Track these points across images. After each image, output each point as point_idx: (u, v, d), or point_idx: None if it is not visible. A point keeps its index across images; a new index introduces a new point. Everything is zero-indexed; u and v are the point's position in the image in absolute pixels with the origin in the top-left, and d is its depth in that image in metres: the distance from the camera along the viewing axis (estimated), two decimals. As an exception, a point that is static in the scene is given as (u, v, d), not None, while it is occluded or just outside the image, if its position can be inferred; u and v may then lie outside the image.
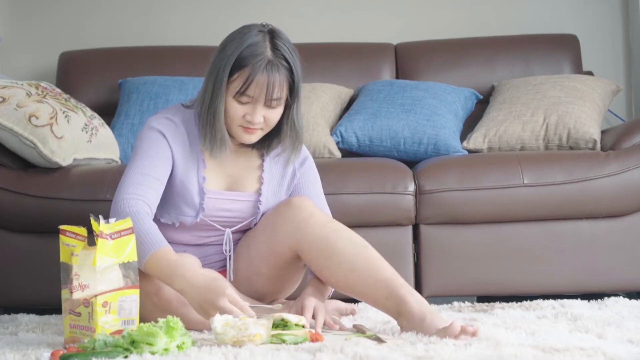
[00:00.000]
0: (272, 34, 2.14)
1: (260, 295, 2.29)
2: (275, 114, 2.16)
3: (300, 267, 2.28)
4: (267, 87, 2.10)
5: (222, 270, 2.30)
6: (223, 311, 1.91)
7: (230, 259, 2.28)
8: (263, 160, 2.29)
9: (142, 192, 2.11)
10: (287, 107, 2.18)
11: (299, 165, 2.33)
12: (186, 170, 2.20)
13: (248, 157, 2.29)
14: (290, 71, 2.13)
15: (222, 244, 2.28)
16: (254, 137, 2.18)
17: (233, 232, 2.29)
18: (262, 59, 2.09)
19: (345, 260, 2.10)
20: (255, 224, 2.29)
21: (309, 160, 2.36)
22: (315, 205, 2.20)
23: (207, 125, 2.16)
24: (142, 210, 2.08)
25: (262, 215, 2.28)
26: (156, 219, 2.24)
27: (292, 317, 2.02)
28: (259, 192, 2.27)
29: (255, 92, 2.10)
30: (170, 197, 2.21)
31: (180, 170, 2.20)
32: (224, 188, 2.25)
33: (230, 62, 2.11)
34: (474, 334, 1.93)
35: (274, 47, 2.12)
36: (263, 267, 2.23)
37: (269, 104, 2.12)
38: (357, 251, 2.11)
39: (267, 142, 2.24)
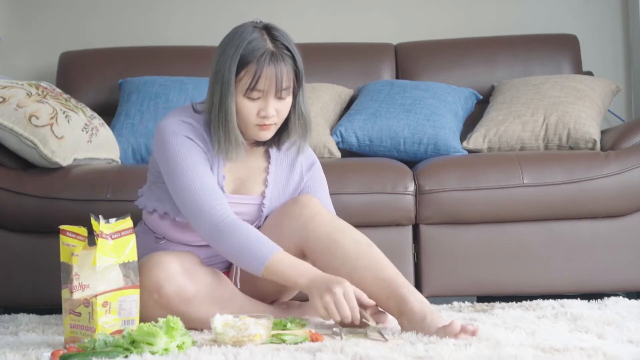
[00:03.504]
0: (268, 28, 2.16)
1: (265, 295, 2.29)
2: (286, 105, 2.16)
3: None
4: (276, 78, 2.10)
5: (227, 272, 2.31)
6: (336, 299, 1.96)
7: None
8: (269, 163, 2.29)
9: (218, 196, 2.10)
10: (294, 96, 2.18)
11: (307, 170, 2.33)
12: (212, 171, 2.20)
13: (256, 159, 2.28)
14: (294, 59, 2.14)
15: None
16: (269, 133, 2.18)
17: None
18: (265, 52, 2.10)
19: (349, 259, 2.11)
20: (259, 227, 2.29)
21: (317, 164, 2.36)
22: (321, 204, 2.21)
23: (220, 128, 2.13)
24: (233, 216, 2.08)
25: (266, 217, 2.27)
26: (171, 218, 2.23)
27: None
28: (262, 195, 2.27)
29: (265, 85, 2.10)
30: None
31: None
32: (231, 191, 2.25)
33: (235, 62, 2.11)
34: (473, 333, 1.94)
35: (273, 39, 2.13)
36: None
37: (279, 95, 2.12)
38: (361, 250, 2.12)
39: (277, 136, 2.23)
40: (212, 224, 2.08)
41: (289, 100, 2.16)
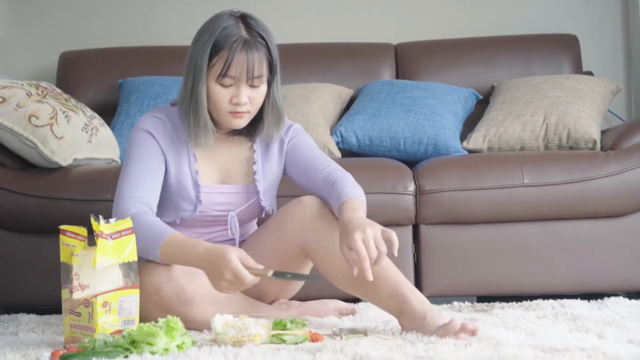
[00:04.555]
0: (244, 17, 2.17)
1: (264, 295, 2.29)
2: (260, 94, 2.17)
3: (305, 267, 2.28)
4: (247, 65, 2.11)
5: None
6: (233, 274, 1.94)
7: (236, 243, 2.28)
8: (254, 151, 2.29)
9: (139, 194, 2.12)
10: (268, 86, 2.19)
11: (285, 133, 2.32)
12: (179, 166, 2.21)
13: (239, 148, 2.29)
14: (268, 48, 2.15)
15: (226, 241, 2.28)
16: (243, 122, 2.19)
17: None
18: (238, 39, 2.12)
19: None
20: (266, 214, 2.29)
21: (295, 126, 2.34)
22: (324, 205, 2.21)
23: (190, 112, 2.17)
24: (141, 209, 2.09)
25: (262, 194, 2.27)
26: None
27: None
28: (254, 183, 2.27)
29: (236, 72, 2.12)
30: (168, 195, 2.23)
31: (173, 166, 2.21)
32: (218, 182, 2.25)
33: (208, 48, 2.13)
34: (473, 333, 1.94)
35: (248, 27, 2.14)
36: (269, 266, 2.23)
37: (251, 82, 2.13)
38: None
39: (252, 126, 2.24)
40: (117, 214, 2.10)
41: (262, 89, 2.17)
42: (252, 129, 2.25)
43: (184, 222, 2.25)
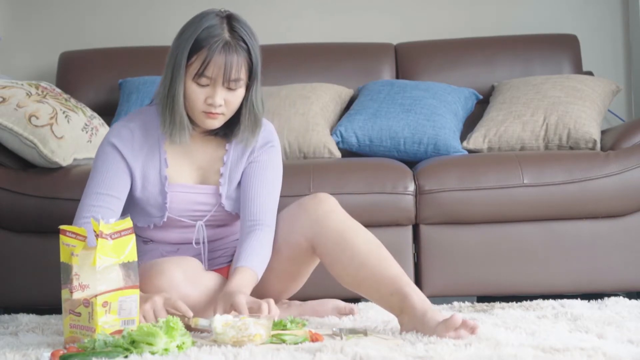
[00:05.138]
0: (230, 18, 2.16)
1: (265, 296, 2.29)
2: (236, 97, 2.15)
3: (310, 264, 2.28)
4: (225, 67, 2.10)
5: (226, 268, 2.31)
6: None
7: (204, 252, 2.28)
8: (226, 152, 2.28)
9: (95, 213, 2.13)
10: (247, 91, 2.18)
11: (259, 147, 2.29)
12: (147, 174, 2.21)
13: (215, 148, 2.28)
14: (249, 52, 2.13)
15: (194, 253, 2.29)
16: (217, 123, 2.18)
17: (209, 227, 2.28)
18: (219, 40, 2.10)
19: (358, 255, 2.12)
20: (234, 213, 2.27)
21: (272, 145, 2.31)
22: (338, 203, 2.22)
23: (167, 109, 2.15)
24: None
25: (225, 197, 2.26)
26: (134, 225, 2.26)
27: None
28: (219, 182, 2.27)
29: (213, 73, 2.10)
30: (137, 202, 2.24)
31: (140, 175, 2.21)
32: (193, 181, 2.25)
33: (188, 46, 2.12)
34: (473, 329, 1.94)
35: (232, 29, 2.13)
36: (274, 261, 2.23)
37: (227, 85, 2.12)
38: (370, 249, 2.14)
39: (229, 128, 2.23)
40: None
41: (240, 92, 2.16)
42: (228, 131, 2.24)
43: (157, 227, 2.25)
